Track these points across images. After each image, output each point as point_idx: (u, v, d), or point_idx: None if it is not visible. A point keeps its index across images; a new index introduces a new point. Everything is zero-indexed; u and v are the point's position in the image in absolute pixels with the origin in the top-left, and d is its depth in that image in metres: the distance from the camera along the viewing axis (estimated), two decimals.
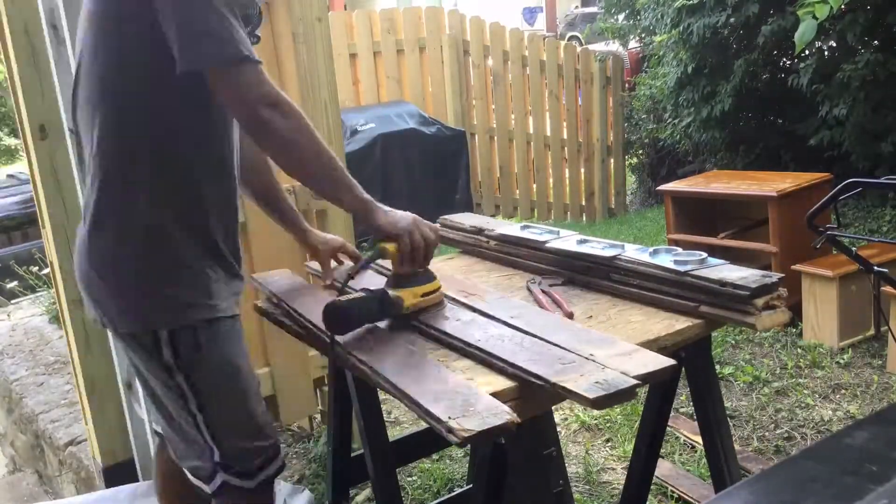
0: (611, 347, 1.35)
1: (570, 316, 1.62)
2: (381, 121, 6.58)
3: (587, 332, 1.45)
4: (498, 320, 1.55)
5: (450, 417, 1.16)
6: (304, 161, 1.46)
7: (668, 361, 1.29)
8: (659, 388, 1.82)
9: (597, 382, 1.19)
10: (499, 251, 2.08)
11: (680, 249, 1.70)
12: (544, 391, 1.25)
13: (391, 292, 1.55)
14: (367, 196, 1.53)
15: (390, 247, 1.54)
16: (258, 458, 1.60)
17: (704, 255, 1.64)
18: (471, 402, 1.20)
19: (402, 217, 1.56)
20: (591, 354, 1.32)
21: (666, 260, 1.65)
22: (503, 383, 1.30)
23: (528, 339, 1.42)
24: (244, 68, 1.35)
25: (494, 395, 1.26)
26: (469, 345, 1.43)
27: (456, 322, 1.55)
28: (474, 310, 1.62)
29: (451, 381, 1.30)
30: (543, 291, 1.75)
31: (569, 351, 1.34)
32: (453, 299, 1.71)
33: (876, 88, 4.49)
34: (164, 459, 1.79)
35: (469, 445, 2.49)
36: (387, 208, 1.56)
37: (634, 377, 1.21)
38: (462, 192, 6.97)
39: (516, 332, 1.47)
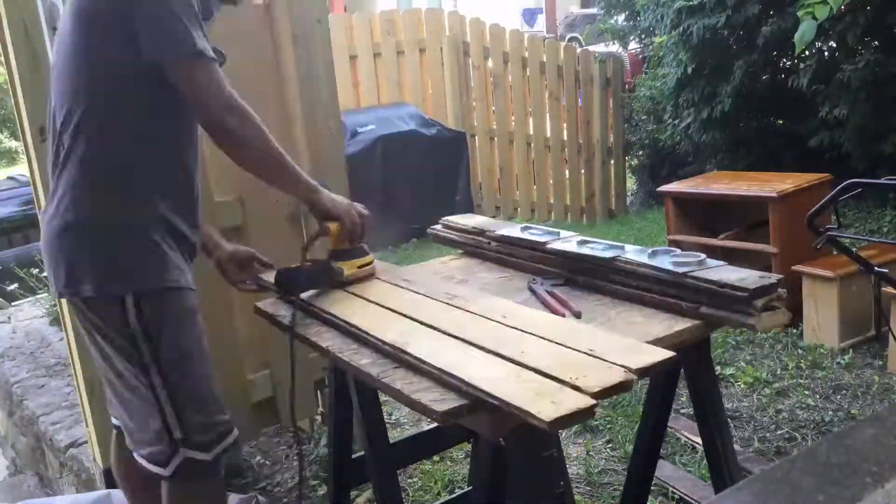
0: (607, 342, 1.37)
1: (579, 315, 1.63)
2: (382, 122, 6.59)
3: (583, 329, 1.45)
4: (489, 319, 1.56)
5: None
6: (258, 160, 1.67)
7: (667, 353, 1.31)
8: (659, 389, 1.82)
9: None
10: (500, 252, 2.08)
11: (679, 251, 1.70)
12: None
13: (333, 264, 1.83)
14: (312, 182, 1.75)
15: (332, 226, 1.80)
16: (215, 432, 1.66)
17: (703, 256, 1.64)
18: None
19: (342, 201, 1.81)
20: (591, 349, 1.33)
21: (665, 261, 1.65)
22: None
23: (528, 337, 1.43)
24: (198, 64, 1.53)
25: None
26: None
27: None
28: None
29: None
30: (548, 292, 1.75)
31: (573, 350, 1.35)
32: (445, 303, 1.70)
33: (876, 89, 4.49)
34: (121, 446, 1.87)
35: (471, 447, 2.50)
36: (330, 193, 1.79)
37: (635, 370, 1.23)
38: (462, 194, 6.97)
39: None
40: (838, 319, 3.42)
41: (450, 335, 1.49)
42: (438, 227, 2.36)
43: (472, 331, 1.49)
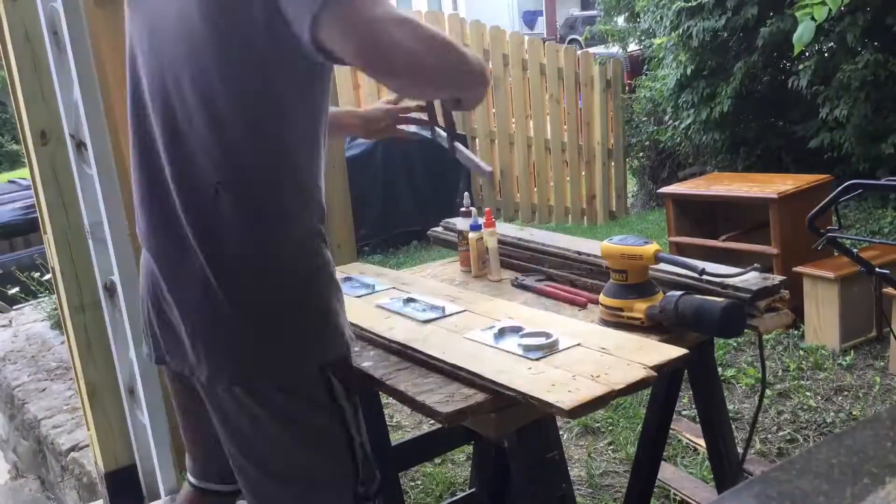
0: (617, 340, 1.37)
1: (585, 305, 1.66)
2: None
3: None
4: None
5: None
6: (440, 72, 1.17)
7: (680, 351, 1.32)
8: (662, 390, 1.82)
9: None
10: (501, 255, 2.08)
11: (528, 329, 1.45)
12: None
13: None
14: None
15: None
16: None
17: (554, 337, 1.40)
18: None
19: None
20: (603, 347, 1.34)
21: (512, 344, 1.43)
22: None
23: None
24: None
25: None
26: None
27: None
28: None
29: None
30: (560, 287, 1.76)
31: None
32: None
33: (876, 89, 4.49)
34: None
35: (472, 450, 2.50)
36: None
37: (653, 367, 1.25)
38: (462, 196, 6.97)
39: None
40: (839, 321, 3.42)
41: (457, 334, 1.50)
42: (439, 229, 2.36)
43: (480, 331, 1.50)
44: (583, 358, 1.32)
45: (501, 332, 1.46)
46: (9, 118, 15.72)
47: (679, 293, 1.45)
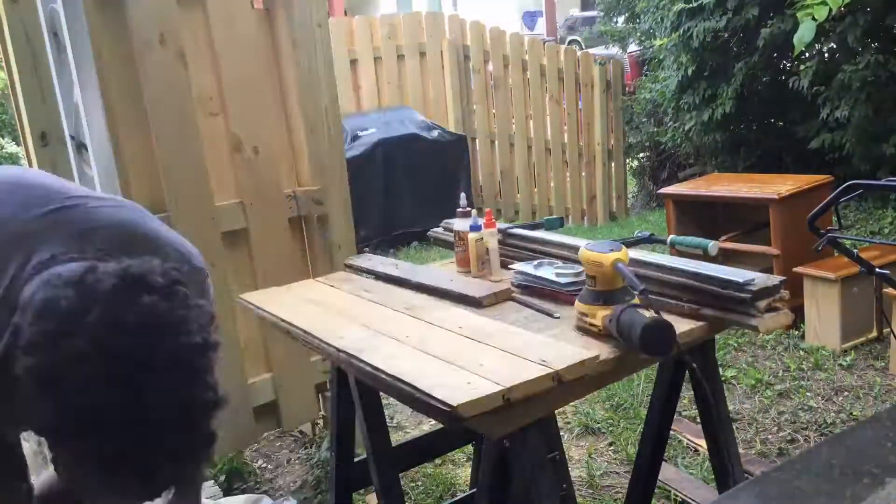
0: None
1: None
2: (382, 126, 6.59)
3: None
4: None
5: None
6: None
7: (588, 353, 1.32)
8: (663, 391, 1.82)
9: None
10: (502, 256, 2.08)
11: (561, 263, 1.79)
12: None
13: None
14: None
15: None
16: None
17: (580, 269, 1.63)
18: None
19: None
20: (543, 360, 1.34)
21: (549, 273, 1.74)
22: None
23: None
24: None
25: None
26: None
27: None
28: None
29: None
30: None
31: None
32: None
33: (877, 90, 4.49)
34: None
35: (473, 450, 2.49)
36: None
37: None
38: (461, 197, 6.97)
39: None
40: (840, 321, 3.42)
41: (406, 344, 1.50)
42: (439, 229, 2.36)
43: (431, 342, 1.50)
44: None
45: (540, 265, 1.77)
46: (9, 119, 15.73)
47: (625, 305, 1.41)
